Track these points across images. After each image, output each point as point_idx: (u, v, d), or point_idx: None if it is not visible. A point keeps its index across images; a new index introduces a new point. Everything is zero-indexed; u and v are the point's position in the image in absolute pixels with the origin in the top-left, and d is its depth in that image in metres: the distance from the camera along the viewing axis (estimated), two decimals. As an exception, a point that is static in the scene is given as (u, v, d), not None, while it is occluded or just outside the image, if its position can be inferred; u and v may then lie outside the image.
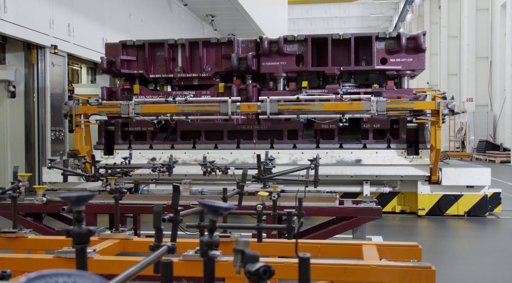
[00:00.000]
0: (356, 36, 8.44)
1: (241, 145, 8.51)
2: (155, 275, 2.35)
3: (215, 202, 1.47)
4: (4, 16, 10.08)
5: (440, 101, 7.41)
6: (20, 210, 5.18)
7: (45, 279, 0.71)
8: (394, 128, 8.18)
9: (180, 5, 19.56)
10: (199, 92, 8.73)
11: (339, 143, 8.22)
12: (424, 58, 8.38)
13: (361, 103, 7.47)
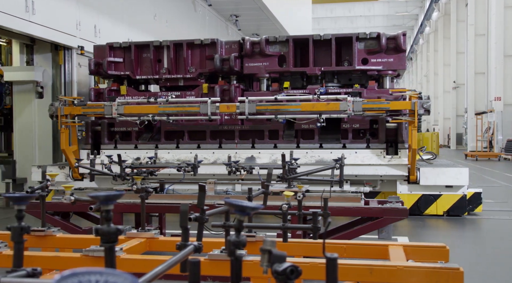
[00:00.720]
0: (337, 36, 8.49)
1: (223, 145, 8.63)
2: (182, 274, 2.37)
3: (242, 202, 1.47)
4: (32, 18, 10.24)
5: (416, 101, 7.43)
6: (48, 209, 5.26)
7: (78, 277, 0.72)
8: (374, 128, 8.20)
9: (204, 5, 19.65)
10: (184, 93, 8.78)
11: (319, 143, 8.27)
12: (405, 58, 8.39)
13: (338, 104, 7.55)
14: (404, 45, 8.26)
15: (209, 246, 3.11)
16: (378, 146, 8.06)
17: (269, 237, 3.43)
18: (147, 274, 1.55)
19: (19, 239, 1.82)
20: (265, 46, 8.60)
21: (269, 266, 1.42)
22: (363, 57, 8.35)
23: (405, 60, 8.41)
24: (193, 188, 6.57)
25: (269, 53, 8.62)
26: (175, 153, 8.64)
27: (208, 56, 8.78)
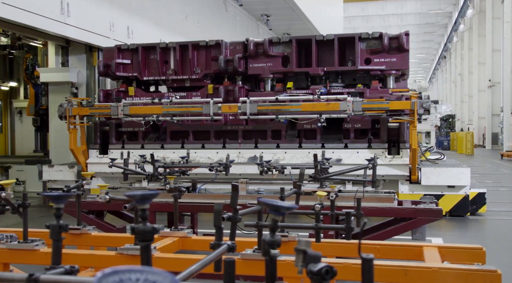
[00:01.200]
0: (339, 37, 8.53)
1: (227, 144, 8.69)
2: (215, 273, 2.38)
3: (277, 202, 1.46)
4: (68, 20, 10.43)
5: (416, 100, 7.43)
6: (83, 207, 5.35)
7: (119, 275, 0.73)
8: (375, 128, 8.15)
9: (235, 5, 19.70)
10: (190, 94, 8.91)
11: (321, 143, 8.27)
12: (408, 58, 8.34)
13: (338, 104, 7.59)
14: (407, 45, 8.23)
15: (241, 246, 3.12)
16: (379, 146, 8.03)
17: (301, 237, 3.42)
18: (182, 272, 1.56)
19: (58, 237, 1.86)
20: (268, 46, 8.69)
21: (304, 266, 1.41)
22: (366, 57, 8.35)
23: (408, 59, 8.35)
24: (224, 187, 6.61)
25: (273, 53, 8.70)
26: (180, 152, 8.69)
27: (213, 57, 8.89)
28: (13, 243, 3.13)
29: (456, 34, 53.20)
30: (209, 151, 8.64)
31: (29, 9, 9.46)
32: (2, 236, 3.15)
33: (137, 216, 3.21)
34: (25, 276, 1.59)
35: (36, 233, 3.58)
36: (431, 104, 7.63)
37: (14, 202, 3.14)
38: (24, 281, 1.59)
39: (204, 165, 6.47)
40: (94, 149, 9.13)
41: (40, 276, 1.57)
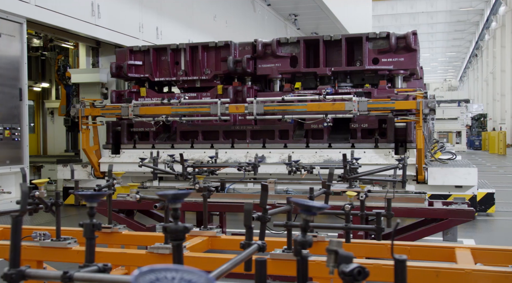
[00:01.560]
0: (347, 37, 8.54)
1: (235, 144, 8.74)
2: (245, 272, 2.38)
3: (309, 202, 1.46)
4: (98, 22, 10.58)
5: (421, 100, 7.37)
6: (114, 206, 5.42)
7: (155, 274, 0.74)
8: (382, 127, 8.10)
9: (263, 5, 19.71)
10: (200, 94, 9.00)
11: (328, 143, 8.27)
12: (416, 58, 8.25)
13: (343, 103, 7.61)
14: (415, 44, 8.16)
15: (270, 245, 3.11)
16: (386, 146, 7.99)
17: (330, 237, 3.40)
18: (213, 271, 1.56)
19: (91, 236, 1.89)
20: (276, 47, 8.73)
21: (336, 266, 1.40)
22: (374, 57, 8.34)
23: (416, 59, 8.26)
24: (251, 187, 6.62)
25: (281, 54, 8.72)
26: (189, 152, 8.79)
27: (223, 58, 8.95)
28: (46, 241, 3.19)
29: (488, 31, 52.25)
30: (218, 151, 8.71)
31: (61, 11, 9.63)
32: (36, 234, 3.21)
33: (167, 215, 3.24)
34: (59, 274, 1.62)
35: (68, 232, 3.64)
36: (436, 104, 7.49)
37: (47, 201, 3.20)
38: (59, 278, 1.61)
39: (232, 165, 6.49)
40: (107, 149, 9.33)
41: (74, 274, 1.59)
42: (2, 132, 8.47)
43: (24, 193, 1.83)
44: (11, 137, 8.64)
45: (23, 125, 8.95)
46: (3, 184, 8.30)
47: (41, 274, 1.74)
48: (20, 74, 8.91)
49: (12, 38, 8.71)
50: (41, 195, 3.18)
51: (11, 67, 8.75)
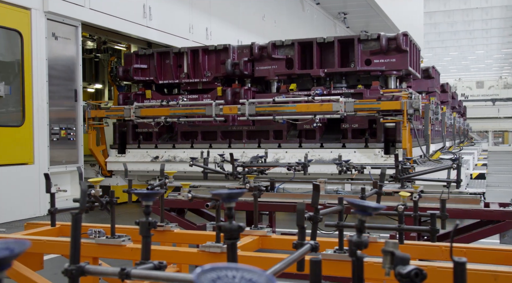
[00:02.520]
0: (339, 39, 8.79)
1: (232, 144, 9.15)
2: (295, 273, 2.37)
3: (364, 202, 1.44)
4: (149, 23, 10.77)
5: (405, 101, 7.60)
6: (165, 205, 5.50)
7: (216, 272, 0.74)
8: (373, 128, 8.28)
9: (312, 4, 19.61)
10: (201, 96, 9.47)
11: (320, 143, 8.53)
12: (407, 58, 8.42)
13: (331, 104, 7.97)
14: (405, 45, 8.35)
15: (321, 246, 3.09)
16: (376, 146, 8.17)
17: (381, 238, 3.35)
18: (267, 271, 1.56)
19: (147, 234, 1.92)
20: (272, 50, 9.03)
21: (392, 268, 1.38)
22: (366, 58, 8.56)
23: (408, 60, 8.42)
24: (300, 186, 6.60)
25: (277, 56, 9.04)
26: (189, 152, 9.21)
27: (222, 61, 9.36)
28: (101, 238, 3.26)
29: (546, 27, 50.32)
30: (215, 151, 8.98)
31: (114, 14, 9.87)
32: (91, 232, 3.29)
33: (218, 214, 3.27)
34: (117, 270, 1.66)
35: (122, 229, 3.72)
36: (421, 104, 7.71)
37: (102, 199, 3.27)
38: (117, 275, 1.65)
39: (282, 164, 6.48)
40: (114, 148, 9.89)
41: (131, 271, 1.63)
42: (58, 132, 8.75)
43: (84, 191, 1.88)
44: (66, 137, 8.92)
45: (78, 125, 9.22)
46: (59, 183, 8.57)
47: (99, 270, 1.79)
48: (75, 75, 9.18)
49: (67, 41, 8.98)
50: (97, 194, 3.26)
51: (67, 69, 9.03)
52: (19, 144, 8.06)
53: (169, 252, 3.37)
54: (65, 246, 3.27)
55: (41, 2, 8.36)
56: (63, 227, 3.86)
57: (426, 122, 9.80)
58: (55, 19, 8.65)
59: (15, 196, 7.76)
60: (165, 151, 9.42)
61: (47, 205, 8.05)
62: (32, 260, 3.44)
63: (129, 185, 3.82)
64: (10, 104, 8.17)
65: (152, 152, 9.55)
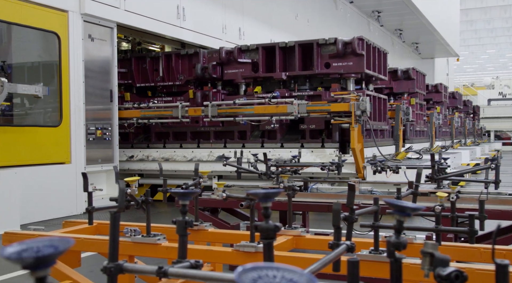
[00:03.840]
0: (300, 43, 9.22)
1: (201, 144, 9.76)
2: (329, 273, 2.36)
3: (403, 202, 1.42)
4: (183, 24, 10.86)
5: (353, 103, 8.02)
6: (199, 204, 5.53)
7: (257, 271, 0.74)
8: (329, 128, 8.73)
9: (345, 2, 19.46)
10: (175, 98, 9.98)
11: (281, 143, 9.07)
12: (363, 62, 8.79)
13: (285, 106, 8.53)
14: (360, 49, 8.73)
15: (356, 246, 3.06)
16: (332, 146, 8.65)
17: (418, 239, 3.30)
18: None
19: (184, 232, 1.94)
20: (238, 54, 9.54)
21: (431, 269, 1.36)
22: (325, 62, 9.01)
23: (364, 63, 8.79)
24: (336, 187, 6.55)
25: (243, 60, 9.55)
26: (161, 151, 9.94)
27: (194, 64, 9.89)
28: (137, 237, 3.30)
29: None
30: (185, 151, 9.80)
31: (148, 15, 9.99)
32: (127, 230, 3.33)
33: (252, 213, 3.27)
34: (154, 269, 1.68)
35: (156, 228, 3.76)
36: (368, 106, 8.09)
37: (138, 198, 3.31)
38: (154, 273, 1.67)
39: (315, 164, 6.46)
40: None
41: (168, 269, 1.64)
42: (94, 132, 8.90)
43: (122, 190, 1.90)
44: (102, 136, 9.06)
45: (113, 125, 9.37)
46: (95, 182, 8.72)
47: (137, 268, 1.81)
48: (111, 76, 9.33)
49: (103, 42, 9.12)
50: (133, 193, 3.30)
51: (103, 70, 9.18)
52: (57, 144, 8.23)
53: (204, 251, 3.39)
54: (102, 244, 3.32)
55: (78, 5, 8.51)
56: (100, 225, 3.92)
57: (396, 122, 10.55)
58: (91, 21, 8.80)
59: (52, 195, 7.93)
60: (140, 150, 10.14)
61: (83, 204, 8.21)
62: (70, 258, 3.51)
63: (164, 184, 3.85)
64: (48, 105, 8.35)
65: (128, 151, 10.21)
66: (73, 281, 3.20)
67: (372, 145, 8.78)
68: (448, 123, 18.45)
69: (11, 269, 4.64)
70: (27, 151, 7.74)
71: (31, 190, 7.50)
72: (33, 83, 7.37)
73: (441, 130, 16.88)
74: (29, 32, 8.08)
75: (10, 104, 7.51)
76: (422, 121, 14.10)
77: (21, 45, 8.25)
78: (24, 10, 7.78)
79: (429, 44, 29.98)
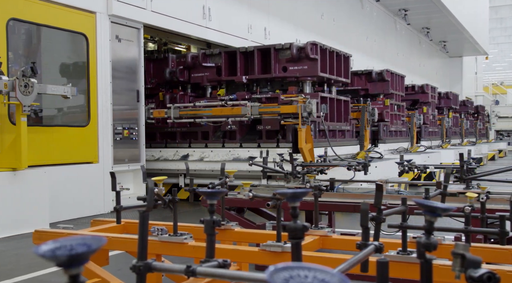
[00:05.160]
0: (259, 48, 9.84)
1: (168, 144, 10.35)
2: (357, 273, 2.34)
3: (433, 203, 1.41)
4: (209, 24, 10.91)
5: (300, 105, 8.49)
6: (225, 204, 5.54)
7: (288, 271, 0.74)
8: (284, 129, 9.20)
9: (372, 1, 19.31)
10: (148, 101, 10.30)
11: (240, 143, 9.58)
12: (317, 66, 9.28)
13: (240, 108, 9.07)
14: (313, 54, 9.23)
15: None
16: (285, 145, 9.13)
17: (446, 240, 3.25)
18: (331, 271, 1.55)
19: (211, 232, 1.94)
20: (202, 59, 10.14)
21: (463, 271, 1.34)
22: (283, 66, 9.56)
23: (318, 67, 9.27)
24: (363, 187, 6.50)
25: (208, 65, 10.13)
26: None
27: (163, 68, 10.50)
28: (164, 236, 3.32)
29: None
30: (154, 150, 10.28)
31: (174, 16, 10.06)
32: (154, 229, 3.36)
33: (279, 213, 3.27)
34: (183, 267, 1.69)
35: (183, 227, 3.78)
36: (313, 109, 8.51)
37: (164, 198, 3.34)
38: (183, 272, 1.68)
39: (342, 164, 6.42)
40: None
41: (197, 268, 1.65)
42: (121, 132, 8.99)
43: (151, 190, 1.92)
44: (129, 136, 9.15)
45: (140, 125, 9.45)
46: (122, 181, 8.81)
47: (166, 267, 1.82)
48: (137, 76, 9.41)
49: (130, 43, 9.21)
50: (160, 192, 3.32)
51: (130, 70, 9.27)
52: (85, 144, 8.34)
53: (230, 250, 3.40)
54: (130, 243, 3.36)
55: (105, 6, 8.61)
56: (127, 224, 3.96)
57: (362, 123, 11.08)
58: (118, 22, 8.90)
59: (81, 194, 8.04)
60: None
61: (110, 203, 8.31)
62: (99, 256, 3.55)
63: (190, 184, 3.88)
64: (76, 105, 8.47)
65: None
66: (101, 279, 3.23)
67: (333, 144, 9.41)
68: (438, 123, 18.85)
69: (41, 267, 4.72)
70: (56, 151, 7.87)
71: (60, 189, 7.61)
72: (62, 84, 7.49)
73: (427, 130, 17.36)
74: (57, 34, 8.21)
75: (40, 104, 7.63)
76: (400, 121, 14.51)
77: (50, 46, 8.38)
78: (53, 12, 7.90)
79: (457, 42, 29.56)
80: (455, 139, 20.89)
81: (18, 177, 6.69)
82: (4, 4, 7.23)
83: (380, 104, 13.16)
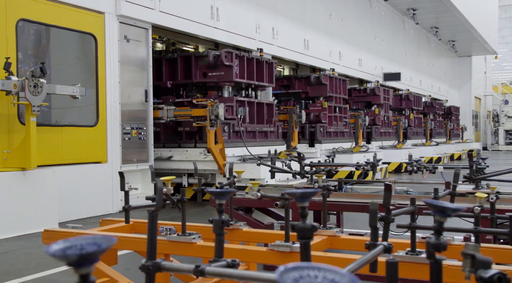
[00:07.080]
0: (181, 55, 10.67)
1: None
2: (365, 274, 2.33)
3: (443, 203, 1.40)
4: (217, 24, 10.91)
5: (208, 108, 9.29)
6: (233, 203, 5.54)
7: (298, 271, 0.74)
8: (201, 131, 9.91)
9: (380, 1, 19.25)
10: None
11: (163, 143, 10.40)
12: (232, 72, 10.13)
13: (158, 111, 9.87)
14: (227, 61, 10.04)
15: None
16: (202, 146, 9.84)
17: (456, 240, 3.24)
18: (340, 271, 1.54)
19: (220, 232, 1.95)
20: None
21: (473, 271, 1.33)
22: (203, 72, 10.38)
23: (232, 74, 10.11)
24: (371, 187, 6.48)
25: None
26: None
27: None
28: (172, 235, 3.33)
29: None
30: None
31: (182, 16, 10.07)
32: (163, 229, 3.36)
33: (287, 213, 3.27)
34: (192, 267, 1.69)
35: (191, 227, 3.79)
36: (220, 112, 9.23)
37: (173, 198, 3.34)
38: (191, 272, 1.68)
39: (350, 164, 6.41)
40: None
41: (205, 268, 1.65)
42: (130, 132, 9.01)
43: (160, 189, 1.92)
44: (137, 136, 9.17)
45: (148, 125, 9.47)
46: (130, 181, 8.83)
47: (175, 266, 1.83)
48: (146, 76, 9.43)
49: (138, 43, 9.24)
50: (168, 192, 3.33)
51: (138, 70, 9.29)
52: (94, 144, 8.37)
53: (239, 250, 3.40)
54: (139, 242, 3.36)
55: (114, 6, 8.64)
56: (136, 224, 3.97)
57: (289, 124, 11.75)
58: (127, 22, 8.92)
59: (89, 193, 8.07)
60: None
61: (119, 202, 8.33)
62: (108, 256, 3.56)
63: (199, 184, 3.88)
64: (85, 105, 8.50)
65: None
66: (110, 279, 3.25)
67: (253, 145, 10.30)
68: (394, 124, 19.50)
69: (50, 266, 4.74)
70: (64, 151, 7.90)
71: (69, 189, 7.65)
72: (71, 84, 7.52)
73: (377, 131, 18.11)
74: (66, 34, 8.24)
75: (49, 104, 7.67)
76: (342, 122, 15.19)
77: (59, 46, 8.42)
78: (61, 12, 7.94)
79: (466, 41, 29.42)
80: (417, 139, 21.78)
81: (27, 176, 6.73)
82: (13, 5, 7.27)
83: (319, 106, 13.85)
